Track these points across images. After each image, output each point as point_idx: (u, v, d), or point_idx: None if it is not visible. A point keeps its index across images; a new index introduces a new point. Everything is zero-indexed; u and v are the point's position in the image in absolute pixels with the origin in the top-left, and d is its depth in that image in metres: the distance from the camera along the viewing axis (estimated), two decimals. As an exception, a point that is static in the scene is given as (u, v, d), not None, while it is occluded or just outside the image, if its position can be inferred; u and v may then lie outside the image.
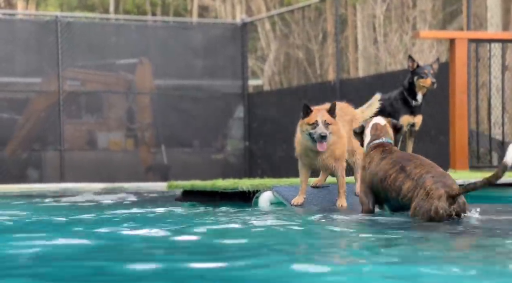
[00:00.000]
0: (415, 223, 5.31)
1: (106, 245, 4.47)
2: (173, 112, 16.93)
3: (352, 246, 4.44)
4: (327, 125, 6.63)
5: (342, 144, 6.85)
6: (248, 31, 17.65)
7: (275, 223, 5.56)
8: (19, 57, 16.15)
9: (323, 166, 6.87)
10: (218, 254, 3.97)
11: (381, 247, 4.29)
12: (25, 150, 15.99)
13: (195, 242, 4.63)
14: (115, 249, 4.28)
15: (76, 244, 4.44)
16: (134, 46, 16.88)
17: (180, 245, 4.49)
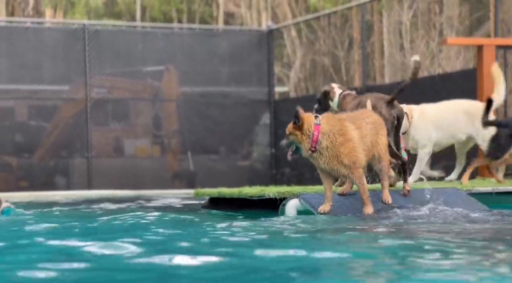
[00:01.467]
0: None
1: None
2: (199, 119, 16.97)
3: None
4: (287, 136, 6.87)
5: (349, 148, 6.74)
6: (274, 38, 17.66)
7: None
8: (47, 65, 16.28)
9: (333, 171, 6.83)
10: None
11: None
12: (53, 157, 16.10)
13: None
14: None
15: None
16: (161, 53, 16.95)
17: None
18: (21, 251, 4.70)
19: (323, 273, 3.71)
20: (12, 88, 16.17)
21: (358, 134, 6.79)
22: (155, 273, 3.62)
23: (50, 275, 3.66)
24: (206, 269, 3.79)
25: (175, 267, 3.80)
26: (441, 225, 5.93)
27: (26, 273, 3.68)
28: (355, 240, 5.22)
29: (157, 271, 3.67)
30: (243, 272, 3.71)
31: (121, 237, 4.96)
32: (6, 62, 16.03)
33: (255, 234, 5.54)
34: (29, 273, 3.69)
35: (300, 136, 6.82)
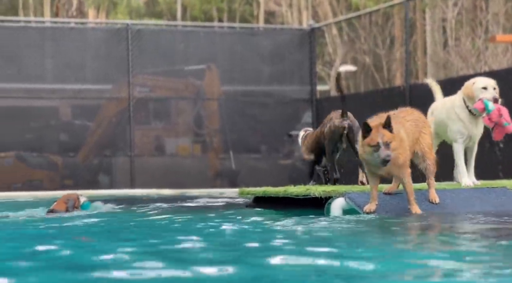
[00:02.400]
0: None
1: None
2: (240, 118, 16.99)
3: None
4: (387, 146, 6.39)
5: (403, 149, 6.61)
6: (316, 36, 17.61)
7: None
8: (91, 65, 16.44)
9: (387, 173, 6.69)
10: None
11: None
12: (97, 156, 16.25)
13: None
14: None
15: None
16: (202, 52, 17.01)
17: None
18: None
19: (371, 274, 3.69)
20: (57, 88, 16.37)
21: (404, 133, 6.72)
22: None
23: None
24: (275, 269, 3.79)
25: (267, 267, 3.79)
26: (492, 224, 5.85)
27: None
28: (406, 240, 5.18)
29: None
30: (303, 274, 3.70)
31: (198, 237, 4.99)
32: (51, 62, 16.24)
33: (305, 234, 5.53)
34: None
35: (399, 141, 6.50)
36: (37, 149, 15.97)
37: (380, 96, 15.47)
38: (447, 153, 8.22)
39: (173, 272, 3.63)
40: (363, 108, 15.49)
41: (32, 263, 3.94)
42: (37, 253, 4.43)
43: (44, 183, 15.80)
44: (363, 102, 15.81)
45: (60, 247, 4.57)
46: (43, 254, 4.36)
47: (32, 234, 5.89)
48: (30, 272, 3.68)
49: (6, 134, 15.87)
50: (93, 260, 3.99)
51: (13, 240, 5.29)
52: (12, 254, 4.40)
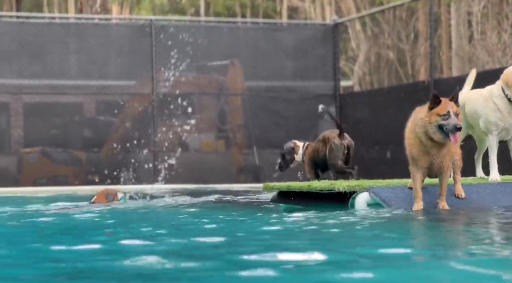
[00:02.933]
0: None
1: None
2: (264, 113, 16.98)
3: None
4: (457, 116, 6.29)
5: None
6: (339, 32, 17.54)
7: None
8: (114, 61, 16.50)
9: (439, 163, 6.54)
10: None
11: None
12: (120, 151, 16.31)
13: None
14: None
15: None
16: (225, 48, 17.00)
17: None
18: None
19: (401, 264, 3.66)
20: (81, 84, 16.45)
21: None
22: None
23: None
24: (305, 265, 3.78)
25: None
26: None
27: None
28: (437, 234, 5.15)
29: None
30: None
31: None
32: (75, 58, 16.32)
33: (330, 228, 5.51)
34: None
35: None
36: (62, 145, 16.06)
37: (404, 91, 15.38)
38: (469, 147, 8.14)
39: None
40: (387, 104, 15.44)
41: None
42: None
43: (69, 178, 15.89)
44: (387, 97, 15.74)
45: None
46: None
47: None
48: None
49: (31, 130, 15.98)
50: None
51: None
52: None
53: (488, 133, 7.75)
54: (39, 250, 4.35)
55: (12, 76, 15.81)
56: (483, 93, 7.86)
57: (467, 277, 3.33)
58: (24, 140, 16.01)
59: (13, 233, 5.50)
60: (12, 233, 5.54)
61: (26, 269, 3.63)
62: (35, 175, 15.72)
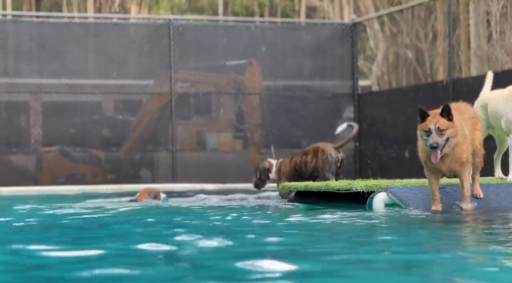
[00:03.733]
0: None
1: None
2: (282, 112, 16.97)
3: None
4: (441, 132, 6.32)
5: (466, 145, 6.55)
6: (357, 31, 17.50)
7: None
8: (133, 60, 16.55)
9: (448, 170, 6.58)
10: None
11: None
12: (139, 150, 16.37)
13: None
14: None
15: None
16: (244, 47, 17.01)
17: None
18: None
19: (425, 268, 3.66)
20: (100, 83, 16.53)
21: (468, 131, 6.62)
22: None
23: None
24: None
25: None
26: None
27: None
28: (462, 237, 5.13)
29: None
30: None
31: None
32: (94, 57, 16.40)
33: (350, 228, 5.51)
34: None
35: (456, 129, 6.38)
36: (80, 144, 16.14)
37: (422, 91, 15.33)
38: (488, 147, 8.10)
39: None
40: (406, 103, 15.39)
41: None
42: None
43: (87, 177, 15.97)
44: (405, 97, 15.68)
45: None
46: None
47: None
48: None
49: (50, 129, 16.08)
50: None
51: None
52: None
53: (510, 133, 7.71)
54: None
55: (32, 75, 15.92)
56: (504, 93, 7.83)
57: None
58: (43, 139, 16.10)
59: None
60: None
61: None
62: (54, 173, 15.81)
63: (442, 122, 6.34)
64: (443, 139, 6.32)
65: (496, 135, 8.12)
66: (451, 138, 6.38)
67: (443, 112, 6.36)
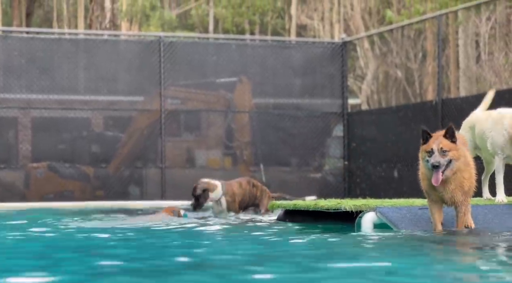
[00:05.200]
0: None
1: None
2: (271, 130, 16.99)
3: None
4: (444, 153, 6.17)
5: (470, 174, 6.38)
6: (347, 50, 17.57)
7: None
8: (123, 77, 16.55)
9: (451, 199, 6.37)
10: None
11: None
12: (128, 167, 16.33)
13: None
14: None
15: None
16: (234, 65, 17.04)
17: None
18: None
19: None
20: (89, 99, 16.50)
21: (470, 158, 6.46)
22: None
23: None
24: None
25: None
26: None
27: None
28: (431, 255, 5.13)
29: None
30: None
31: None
32: (84, 73, 16.38)
33: (335, 248, 5.50)
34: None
35: (460, 152, 6.22)
36: (69, 160, 16.09)
37: (412, 110, 15.38)
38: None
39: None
40: (395, 122, 15.43)
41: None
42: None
43: (76, 193, 15.90)
44: (395, 116, 15.72)
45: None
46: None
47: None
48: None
49: (39, 145, 16.02)
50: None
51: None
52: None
53: (496, 155, 7.69)
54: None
55: (21, 91, 15.88)
56: (492, 115, 7.78)
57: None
58: (32, 155, 16.04)
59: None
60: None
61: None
62: (42, 190, 15.73)
63: (445, 143, 6.20)
64: (445, 159, 6.18)
65: (483, 156, 8.11)
66: (453, 161, 6.24)
67: (446, 133, 6.24)
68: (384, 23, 25.41)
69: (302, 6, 29.92)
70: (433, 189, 6.38)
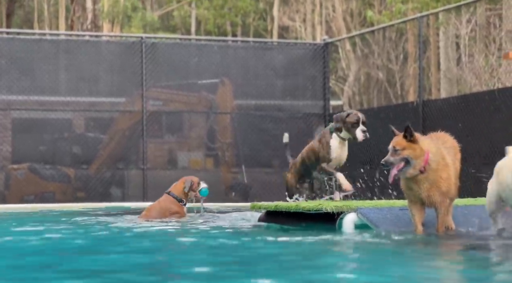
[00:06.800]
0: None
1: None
2: (253, 132, 17.00)
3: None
4: (396, 151, 6.21)
5: (447, 174, 6.35)
6: (329, 51, 17.62)
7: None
8: (104, 78, 16.50)
9: (428, 198, 6.34)
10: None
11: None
12: (109, 168, 16.28)
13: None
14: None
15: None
16: (216, 66, 17.04)
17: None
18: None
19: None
20: (70, 100, 16.43)
21: (450, 161, 6.43)
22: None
23: None
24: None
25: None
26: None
27: None
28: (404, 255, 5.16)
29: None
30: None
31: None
32: (65, 74, 16.31)
33: (318, 249, 5.51)
34: None
35: (419, 151, 6.21)
36: (50, 161, 16.01)
37: (393, 111, 15.44)
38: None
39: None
40: (376, 124, 15.47)
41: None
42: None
43: (57, 195, 15.83)
44: (376, 117, 15.78)
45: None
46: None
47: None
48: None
49: (20, 146, 15.94)
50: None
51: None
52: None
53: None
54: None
55: (1, 92, 15.79)
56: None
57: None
58: (12, 156, 15.95)
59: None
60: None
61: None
62: (23, 191, 15.65)
63: (398, 142, 6.24)
64: (396, 158, 6.20)
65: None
66: (412, 159, 6.22)
67: (405, 133, 6.27)
68: (366, 24, 25.51)
69: (284, 8, 29.97)
70: (410, 188, 6.41)
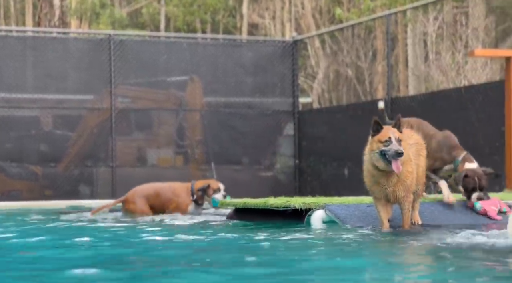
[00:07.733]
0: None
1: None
2: (223, 129, 16.99)
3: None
4: (399, 143, 6.13)
5: (411, 168, 6.39)
6: (298, 48, 17.66)
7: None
8: (72, 75, 16.38)
9: (393, 193, 6.36)
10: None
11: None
12: (78, 166, 16.17)
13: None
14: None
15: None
16: (185, 63, 16.99)
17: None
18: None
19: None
20: (37, 97, 16.28)
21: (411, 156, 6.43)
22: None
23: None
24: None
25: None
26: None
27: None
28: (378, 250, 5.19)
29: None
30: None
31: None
32: (32, 71, 16.16)
33: (284, 246, 5.52)
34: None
35: (405, 144, 6.20)
36: (17, 159, 15.86)
37: (362, 108, 15.53)
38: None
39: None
40: (346, 121, 15.56)
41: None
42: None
43: (24, 193, 15.69)
44: (345, 114, 15.86)
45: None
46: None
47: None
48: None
49: (-14, 144, 15.76)
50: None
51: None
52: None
53: None
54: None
55: (-33, 89, 15.61)
56: None
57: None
58: (-22, 154, 15.78)
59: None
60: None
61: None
62: (-11, 190, 15.48)
63: (399, 134, 6.19)
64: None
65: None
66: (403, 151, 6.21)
67: (395, 125, 6.23)
68: (335, 22, 25.60)
69: (254, 5, 29.97)
70: (376, 184, 6.41)
